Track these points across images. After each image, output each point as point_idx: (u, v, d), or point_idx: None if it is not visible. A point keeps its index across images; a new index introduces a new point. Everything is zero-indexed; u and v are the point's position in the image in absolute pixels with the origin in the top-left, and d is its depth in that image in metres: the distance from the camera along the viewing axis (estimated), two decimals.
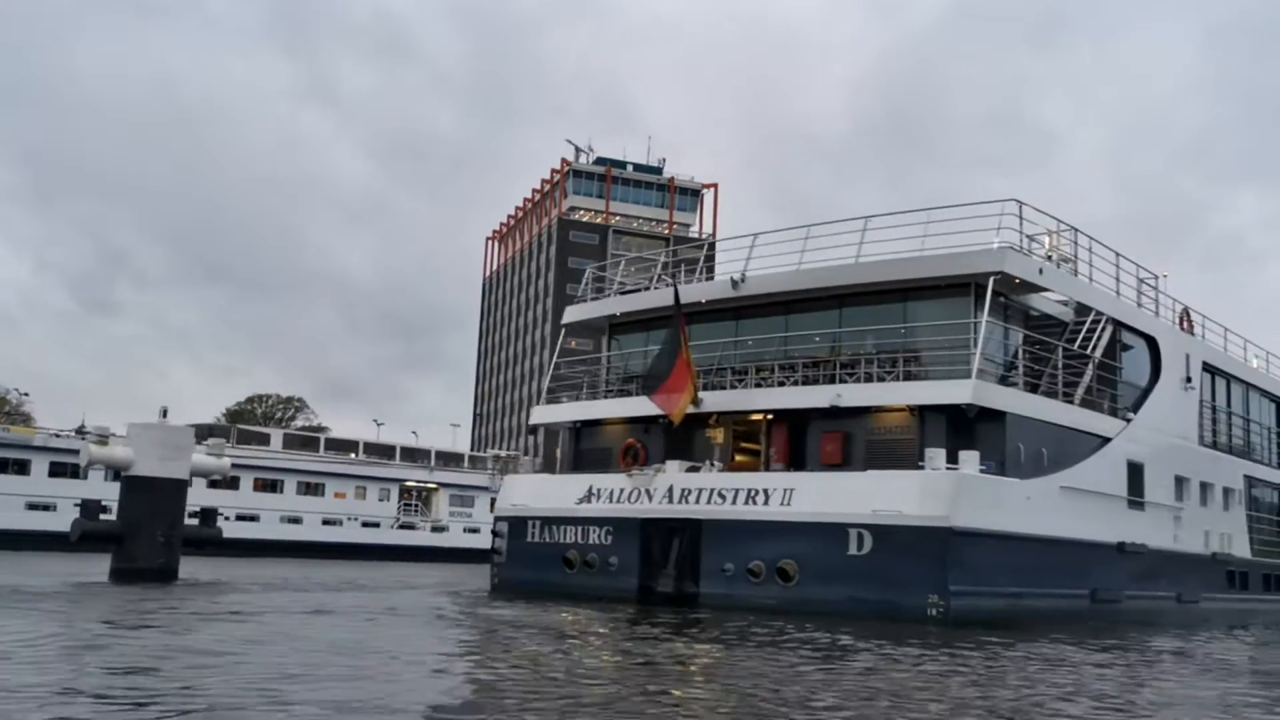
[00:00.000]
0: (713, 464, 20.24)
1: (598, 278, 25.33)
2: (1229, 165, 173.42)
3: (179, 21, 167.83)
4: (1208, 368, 25.70)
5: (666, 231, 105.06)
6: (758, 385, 21.04)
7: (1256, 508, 27.49)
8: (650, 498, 19.76)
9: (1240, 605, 25.11)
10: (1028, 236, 20.87)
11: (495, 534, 22.49)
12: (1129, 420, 21.50)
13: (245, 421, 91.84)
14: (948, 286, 19.35)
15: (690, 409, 20.44)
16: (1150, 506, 21.84)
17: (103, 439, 20.45)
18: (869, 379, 19.66)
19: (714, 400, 20.87)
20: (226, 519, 55.42)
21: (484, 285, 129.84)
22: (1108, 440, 20.76)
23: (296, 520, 57.51)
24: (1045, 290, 20.29)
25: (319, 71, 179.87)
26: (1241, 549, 25.96)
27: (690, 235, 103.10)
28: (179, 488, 20.77)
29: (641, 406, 21.52)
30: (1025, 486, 18.20)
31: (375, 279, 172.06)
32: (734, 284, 21.38)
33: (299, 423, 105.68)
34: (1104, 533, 20.05)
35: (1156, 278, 23.93)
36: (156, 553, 20.16)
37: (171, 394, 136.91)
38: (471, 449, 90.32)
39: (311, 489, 58.94)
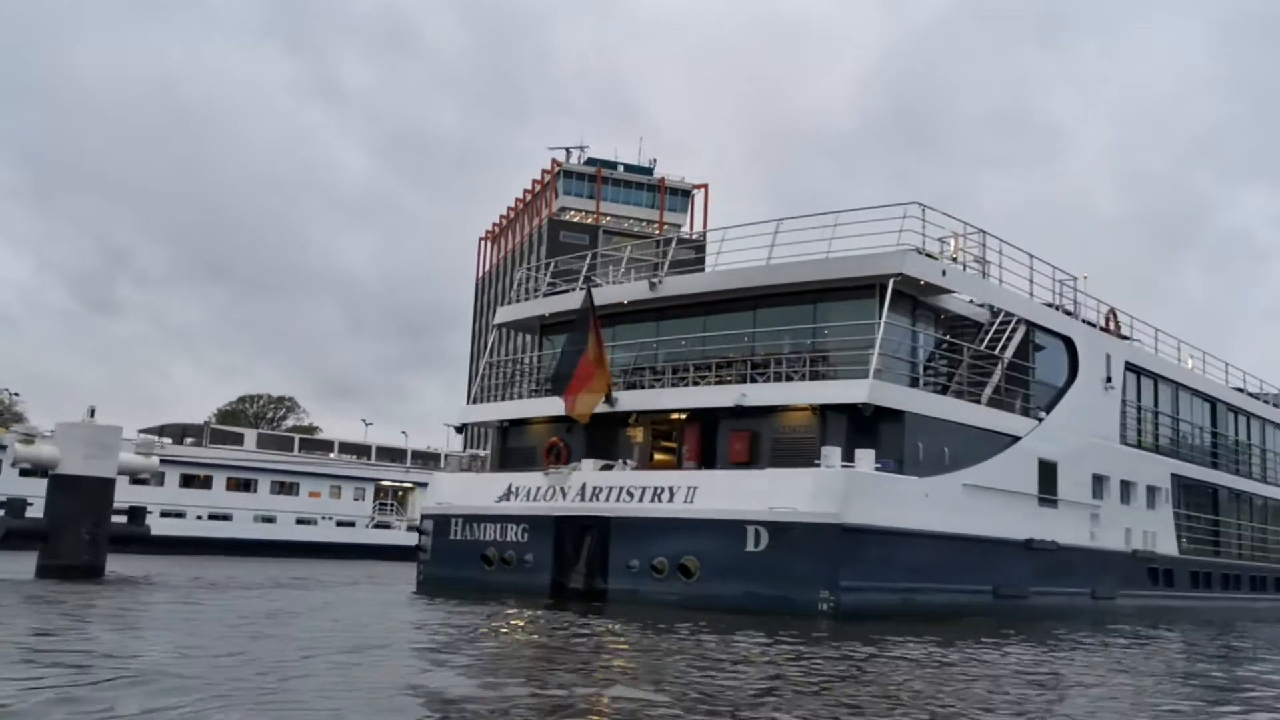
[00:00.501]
0: (625, 463, 20.64)
1: (533, 278, 25.69)
2: (1236, 162, 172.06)
3: (178, 17, 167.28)
4: (1132, 368, 26.06)
5: (657, 232, 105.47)
6: (674, 385, 21.44)
7: (1186, 506, 27.86)
8: (564, 496, 20.14)
9: (1164, 602, 25.47)
10: (939, 240, 21.34)
11: (421, 532, 22.91)
12: (1041, 419, 21.86)
13: (236, 422, 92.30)
14: (854, 288, 19.73)
15: (605, 408, 20.86)
16: (1064, 504, 22.21)
17: (29, 438, 20.85)
18: (778, 379, 20.06)
19: (632, 400, 21.28)
20: (200, 518, 56.34)
21: (477, 285, 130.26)
22: (1017, 439, 21.13)
23: (270, 520, 57.94)
24: (952, 292, 20.66)
25: (320, 67, 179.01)
26: (1167, 546, 26.32)
27: (682, 236, 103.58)
28: (105, 486, 21.18)
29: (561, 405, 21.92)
30: (924, 484, 18.56)
31: (378, 277, 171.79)
32: (651, 286, 21.80)
33: (289, 422, 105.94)
34: (1010, 529, 20.42)
35: (1075, 279, 24.30)
36: (82, 550, 20.56)
37: (173, 393, 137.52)
38: (464, 449, 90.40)
39: (286, 488, 59.38)
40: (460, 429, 24.02)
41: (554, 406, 22.61)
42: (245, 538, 55.23)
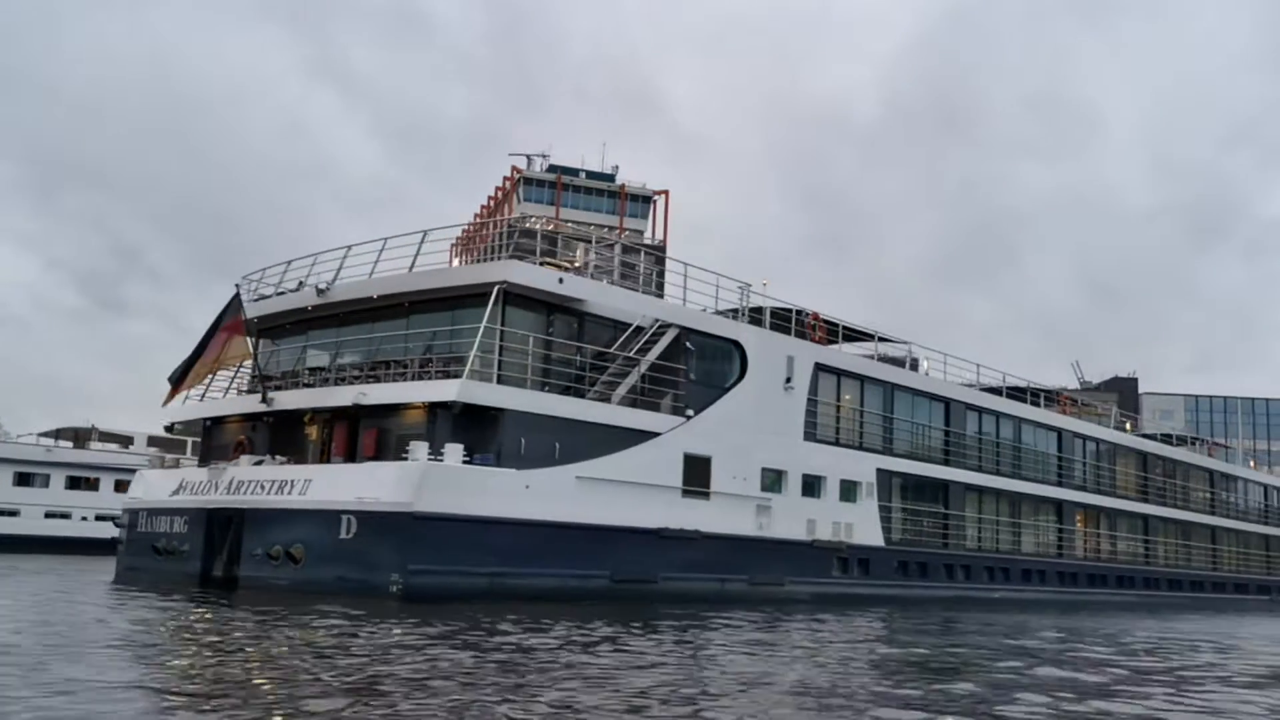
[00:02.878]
0: (275, 458, 22.09)
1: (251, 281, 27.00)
2: (1277, 149, 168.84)
3: (176, 2, 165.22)
4: (828, 370, 27.39)
5: (617, 238, 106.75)
6: (337, 384, 22.88)
7: (903, 499, 29.19)
8: (217, 489, 21.62)
9: (859, 590, 26.77)
10: (622, 255, 22.86)
11: (118, 525, 24.39)
12: (688, 417, 23.23)
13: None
14: (478, 295, 21.16)
15: (263, 406, 22.45)
16: (719, 496, 23.57)
17: None
18: (414, 379, 21.49)
19: (297, 398, 22.77)
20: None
21: None
22: (656, 435, 22.51)
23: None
24: (582, 300, 22.07)
25: (328, 56, 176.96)
26: (869, 536, 27.63)
27: (644, 242, 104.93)
28: None
29: (254, 404, 23.40)
30: (524, 476, 19.96)
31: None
32: (319, 291, 23.25)
33: None
34: (638, 519, 21.77)
35: (749, 285, 25.69)
36: None
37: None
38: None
39: (86, 483, 59.78)
40: (169, 428, 25.47)
41: (248, 405, 24.11)
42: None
